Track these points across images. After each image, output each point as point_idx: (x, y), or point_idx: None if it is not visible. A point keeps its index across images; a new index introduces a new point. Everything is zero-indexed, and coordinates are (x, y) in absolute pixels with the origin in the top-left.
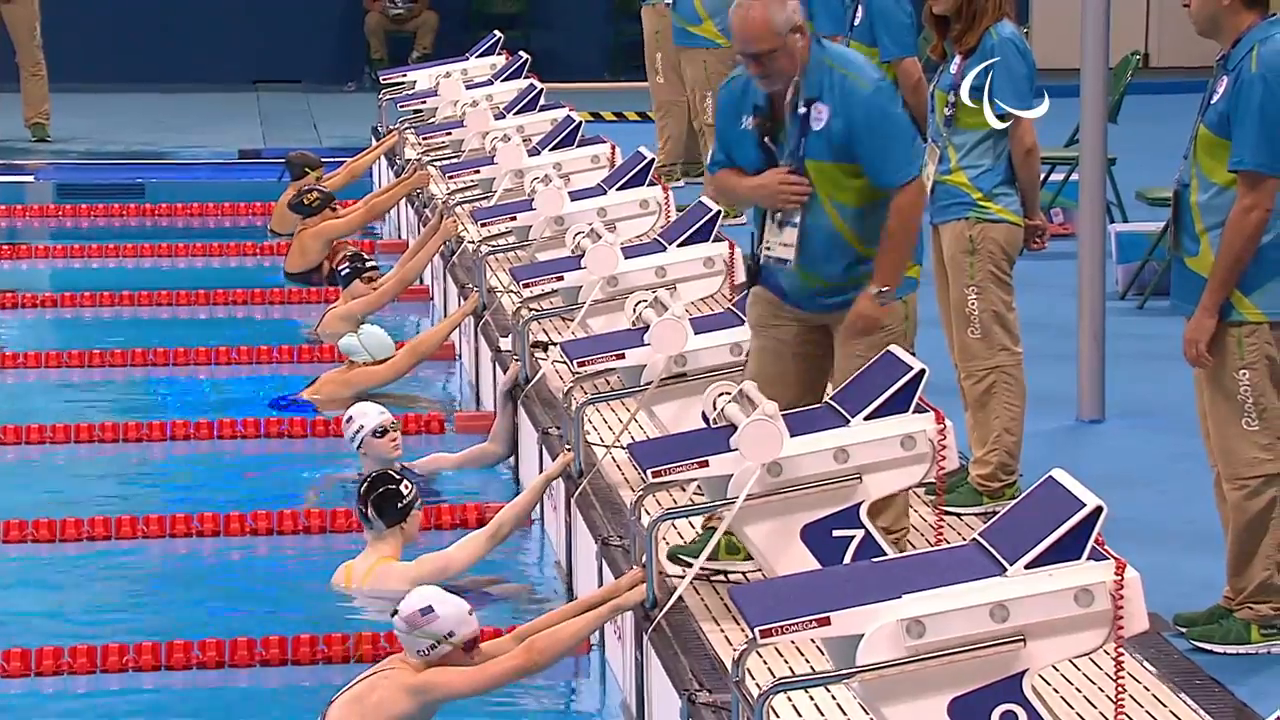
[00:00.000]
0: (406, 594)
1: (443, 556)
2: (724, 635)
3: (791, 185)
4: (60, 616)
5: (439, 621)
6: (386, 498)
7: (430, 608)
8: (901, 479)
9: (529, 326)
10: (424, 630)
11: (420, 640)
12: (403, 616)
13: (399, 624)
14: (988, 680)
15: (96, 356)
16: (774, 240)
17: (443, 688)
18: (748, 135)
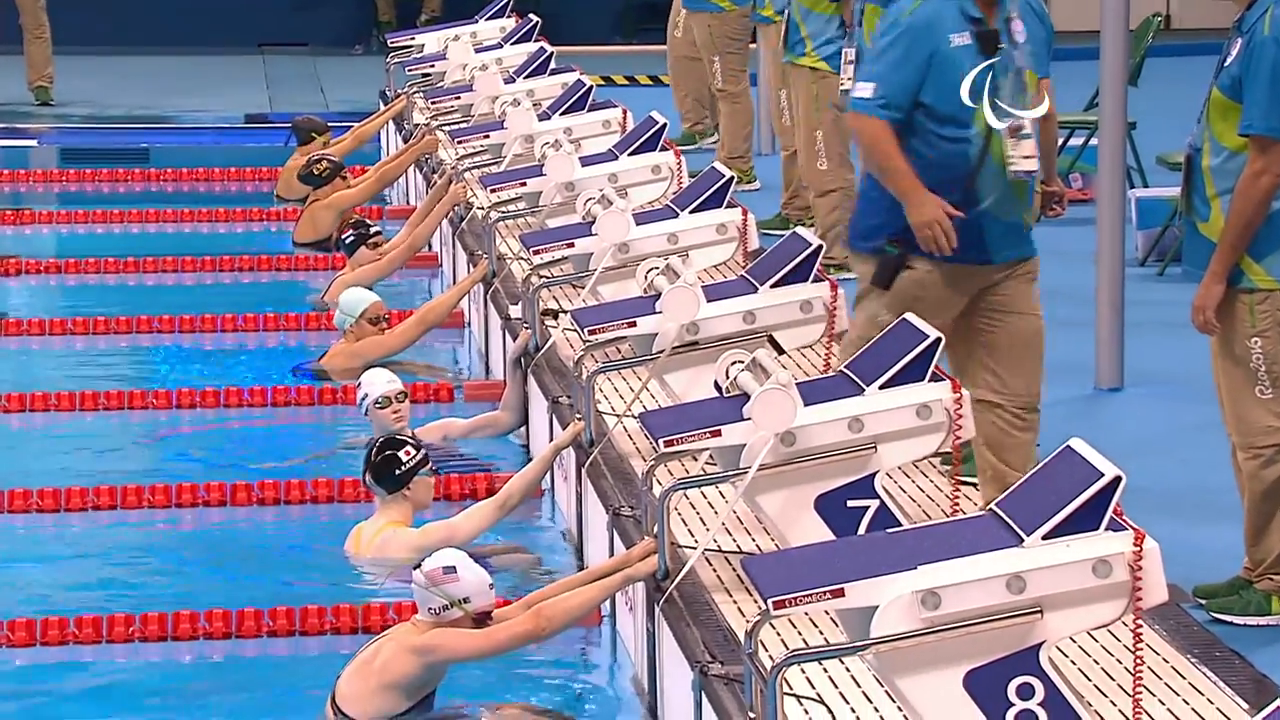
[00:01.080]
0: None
1: (448, 526)
2: (737, 607)
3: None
4: (65, 587)
5: (458, 584)
6: (384, 464)
7: (454, 568)
8: (917, 448)
9: (539, 294)
10: (442, 589)
11: (435, 598)
12: (424, 571)
13: (419, 578)
14: (1004, 652)
15: (101, 324)
16: (1016, 154)
17: (447, 649)
18: (962, 52)
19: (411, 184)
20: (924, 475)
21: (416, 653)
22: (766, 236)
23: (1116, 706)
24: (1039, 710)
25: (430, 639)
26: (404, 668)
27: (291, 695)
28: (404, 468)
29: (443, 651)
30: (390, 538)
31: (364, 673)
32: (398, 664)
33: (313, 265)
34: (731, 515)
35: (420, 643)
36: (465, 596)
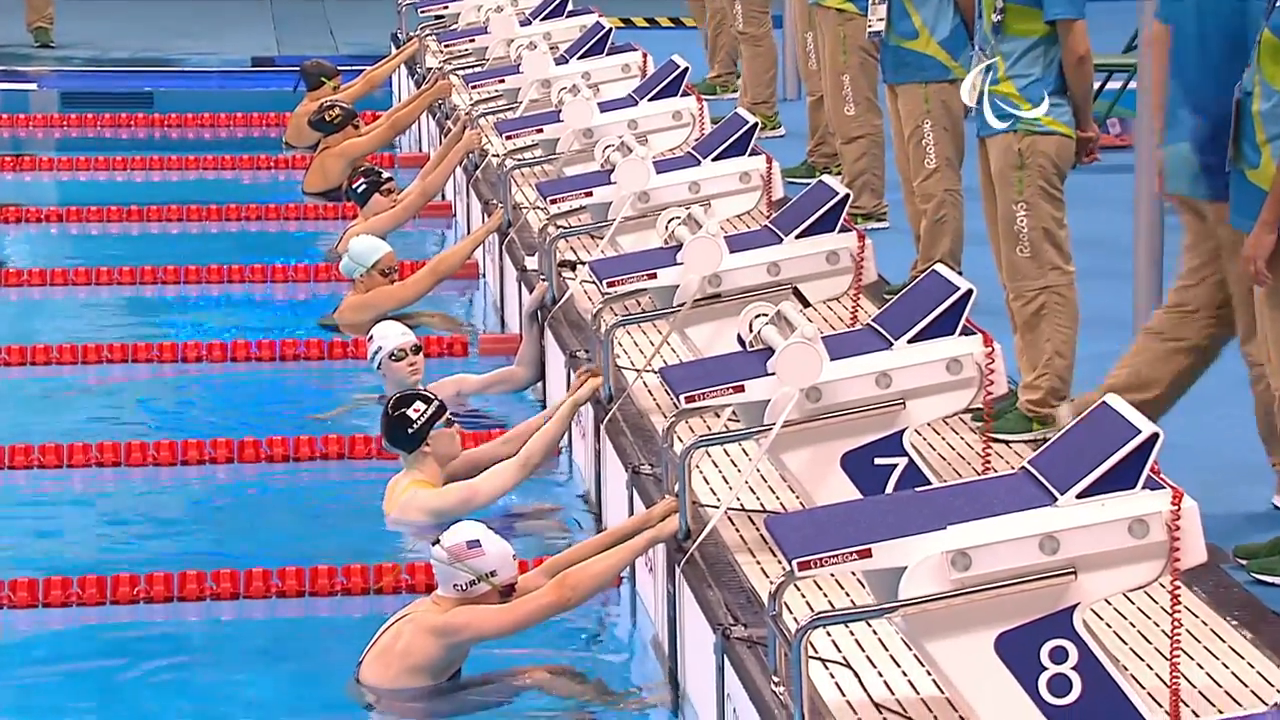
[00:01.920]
0: (426, 524)
1: (468, 487)
2: (760, 568)
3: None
4: (68, 546)
5: (484, 558)
6: (396, 425)
7: (478, 541)
8: (947, 404)
9: (556, 245)
10: (468, 564)
11: (461, 574)
12: (447, 547)
13: (440, 554)
14: (1037, 615)
15: (104, 274)
16: None
17: (472, 629)
18: None
19: (424, 131)
20: (954, 432)
21: (439, 634)
22: (791, 185)
23: (1153, 670)
24: (1073, 674)
25: (453, 620)
26: (428, 652)
27: (302, 657)
28: (416, 425)
29: (467, 632)
30: (409, 499)
31: (386, 659)
32: (421, 649)
33: (323, 215)
34: (755, 473)
35: (443, 623)
36: (492, 570)
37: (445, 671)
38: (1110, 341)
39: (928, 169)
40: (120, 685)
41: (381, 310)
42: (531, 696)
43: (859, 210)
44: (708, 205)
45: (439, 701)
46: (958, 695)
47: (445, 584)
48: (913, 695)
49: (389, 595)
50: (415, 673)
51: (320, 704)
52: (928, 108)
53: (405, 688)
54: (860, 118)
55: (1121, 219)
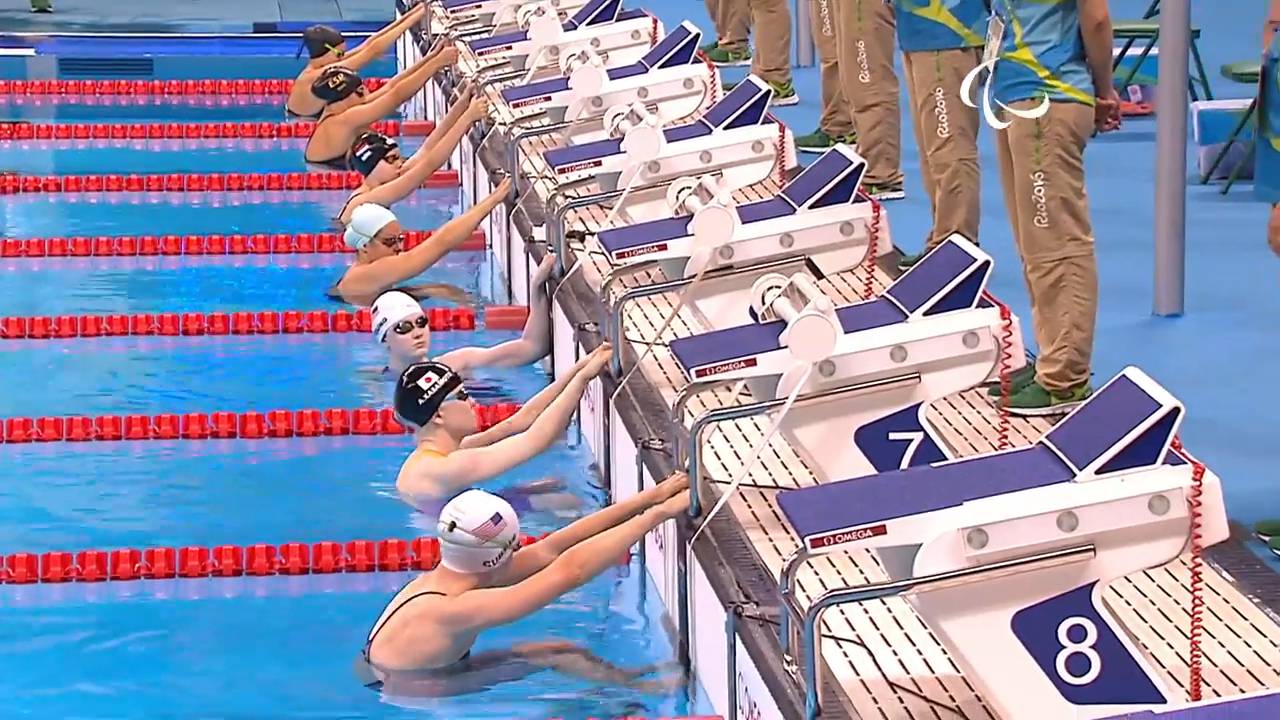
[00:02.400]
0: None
1: (471, 456)
2: (772, 545)
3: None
4: (67, 521)
5: (508, 529)
6: (408, 397)
7: (499, 515)
8: (963, 378)
9: (564, 215)
10: (496, 539)
11: (491, 550)
12: (473, 530)
13: (466, 538)
14: (1055, 592)
15: (103, 244)
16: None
17: (481, 616)
18: None
19: (430, 98)
20: (971, 406)
21: (448, 623)
22: (805, 154)
23: (1174, 649)
24: (1091, 653)
25: (462, 608)
26: (437, 641)
27: (306, 636)
28: (428, 396)
29: (477, 619)
30: (411, 466)
31: (396, 645)
32: (430, 638)
33: (326, 184)
34: (767, 448)
35: (452, 612)
36: (513, 536)
37: (456, 655)
38: (1131, 314)
39: (941, 138)
40: (120, 663)
41: (386, 282)
42: (541, 675)
43: (874, 180)
44: (719, 175)
45: (448, 681)
46: (974, 674)
47: (470, 564)
48: (928, 674)
49: (394, 572)
50: (426, 660)
51: (325, 683)
52: (939, 75)
53: (415, 669)
54: (875, 85)
55: (1142, 188)
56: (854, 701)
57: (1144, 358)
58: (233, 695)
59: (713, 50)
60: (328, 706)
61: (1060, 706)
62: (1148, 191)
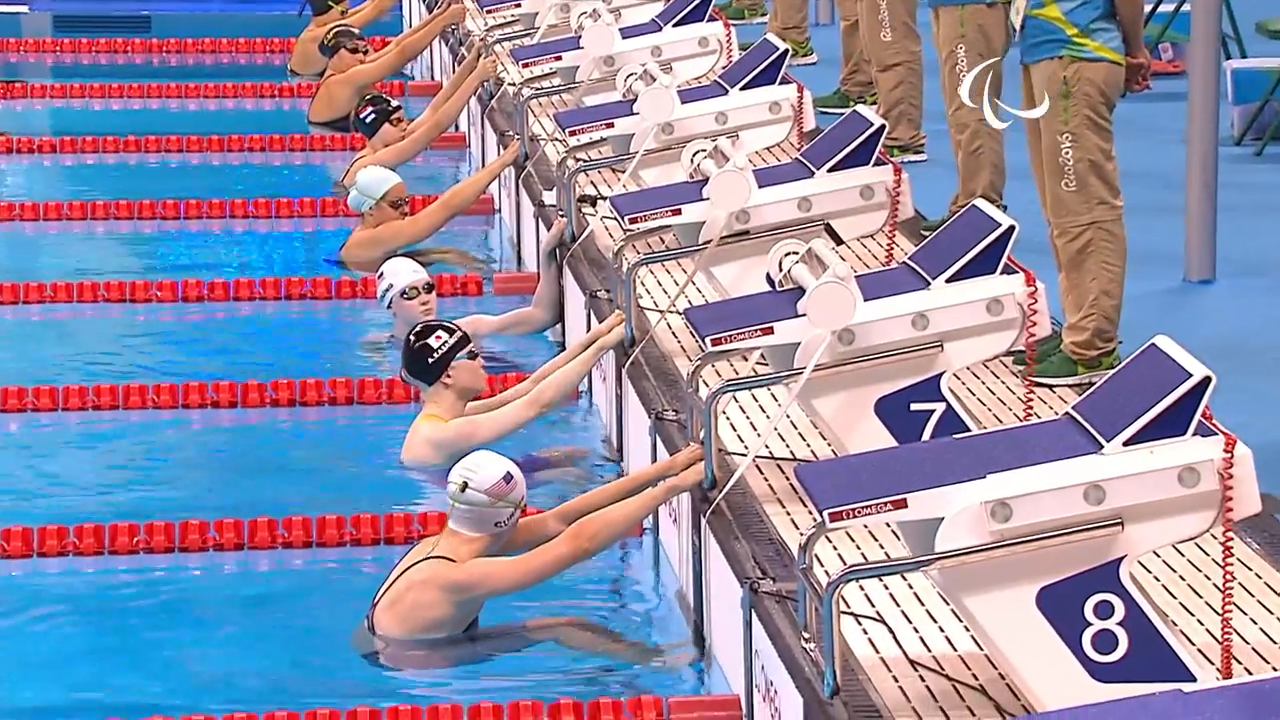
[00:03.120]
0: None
1: (470, 421)
2: (790, 519)
3: None
4: (64, 494)
5: (519, 487)
6: (417, 355)
7: (510, 474)
8: (987, 347)
9: (575, 179)
10: (508, 498)
11: (502, 510)
12: (486, 489)
13: (478, 498)
14: (1081, 568)
15: (100, 208)
16: None
17: (486, 584)
18: None
19: (436, 58)
20: (995, 376)
21: (452, 590)
22: (824, 115)
23: (1204, 626)
24: (1119, 630)
25: (467, 576)
26: (440, 608)
27: (309, 612)
28: (437, 354)
29: (481, 587)
30: (412, 432)
31: (399, 611)
32: (433, 604)
33: (330, 146)
34: (784, 420)
35: (456, 579)
36: (522, 496)
37: (460, 625)
38: (1161, 280)
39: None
40: (119, 639)
41: (391, 246)
42: (548, 650)
43: (895, 142)
44: (735, 137)
45: (453, 653)
46: (997, 652)
47: (481, 525)
48: (950, 652)
49: (400, 546)
50: (429, 627)
51: (328, 661)
52: (962, 31)
53: (418, 638)
54: (897, 44)
55: (1173, 150)
56: (873, 680)
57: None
58: (234, 673)
59: (728, 8)
60: (332, 683)
61: (1086, 685)
62: (1179, 153)
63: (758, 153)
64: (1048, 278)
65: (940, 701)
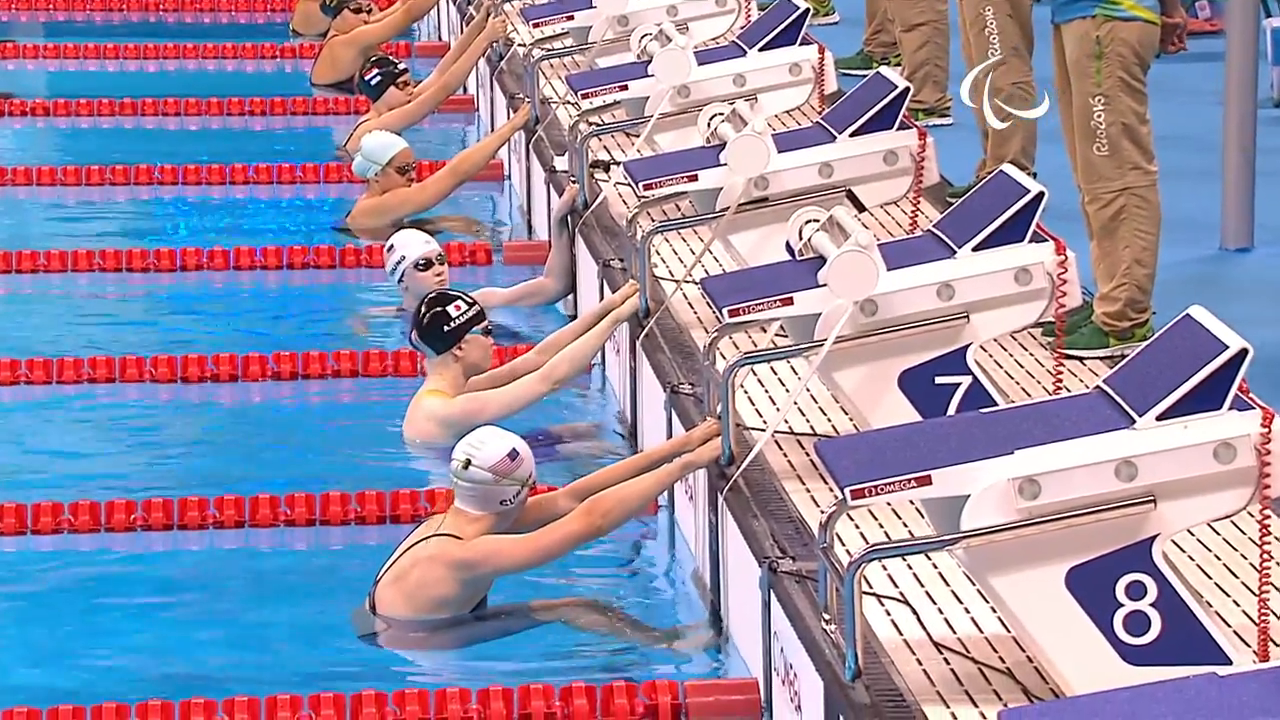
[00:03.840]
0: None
1: (478, 398)
2: (810, 496)
3: None
4: (59, 470)
5: (525, 464)
6: (432, 321)
7: (516, 450)
8: (1015, 318)
9: (588, 143)
10: (514, 476)
11: (508, 488)
12: (490, 467)
13: (482, 475)
14: (1112, 547)
15: (95, 173)
16: None
17: (493, 562)
18: None
19: (444, 18)
20: (1023, 348)
21: (459, 568)
22: (846, 77)
23: (1240, 607)
24: (1151, 611)
25: (474, 553)
26: (446, 586)
27: (312, 591)
28: (454, 323)
29: (488, 565)
30: (415, 408)
31: (403, 588)
32: (439, 582)
33: (333, 109)
34: (804, 393)
35: (462, 557)
36: (529, 473)
37: (466, 604)
38: (1196, 248)
39: (993, 60)
40: (115, 619)
41: (398, 214)
42: (559, 632)
43: (920, 105)
44: (754, 100)
45: (459, 634)
46: (1025, 634)
47: (486, 503)
48: (976, 634)
49: (406, 524)
50: (434, 606)
51: (331, 643)
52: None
53: (423, 618)
54: (922, 2)
55: (1210, 112)
56: (897, 663)
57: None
58: (234, 655)
59: None
60: (335, 665)
61: (1117, 668)
62: (1216, 116)
63: (777, 116)
64: (1078, 246)
65: (965, 685)
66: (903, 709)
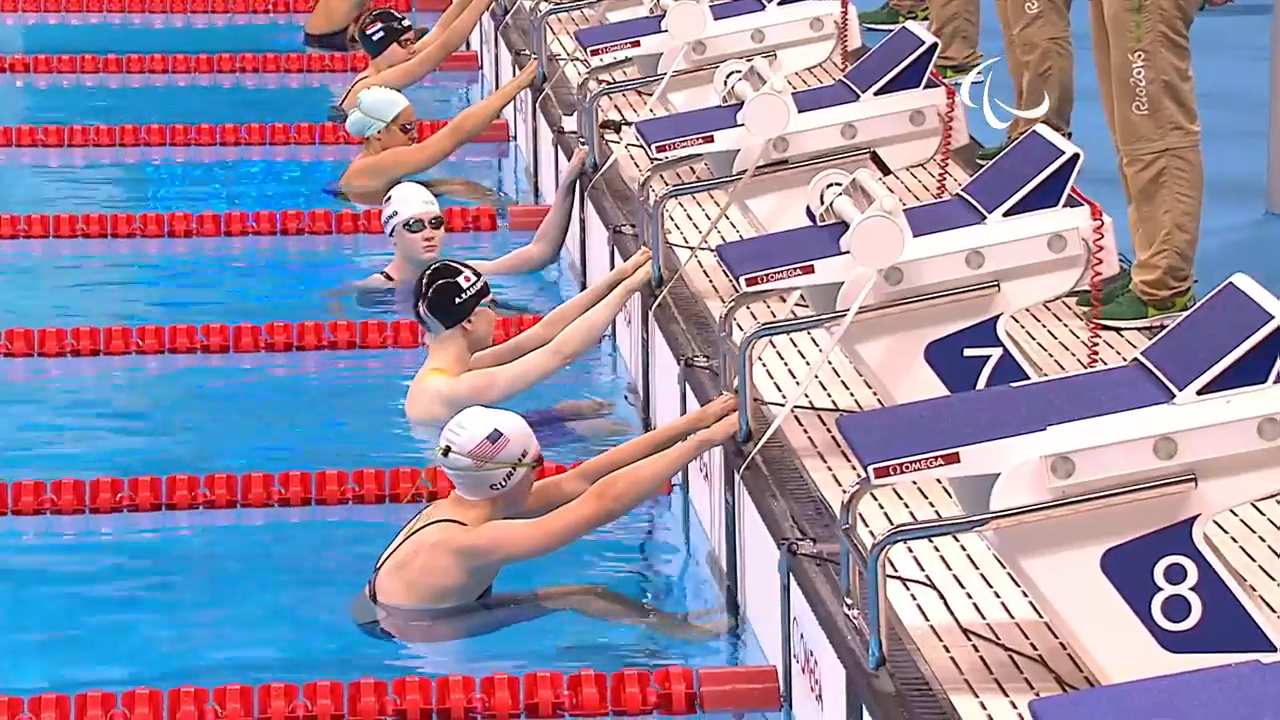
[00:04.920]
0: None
1: (485, 374)
2: (831, 474)
3: None
4: (41, 447)
5: (511, 445)
6: (442, 293)
7: (497, 431)
8: (1048, 287)
9: (598, 102)
10: (499, 459)
11: (495, 472)
12: (469, 452)
13: (462, 462)
14: (1151, 528)
15: (78, 133)
16: None
17: (500, 550)
18: None
19: None
20: (1056, 319)
21: (464, 556)
22: (870, 33)
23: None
24: (1191, 596)
25: (480, 540)
26: (451, 575)
27: (308, 576)
28: (465, 296)
29: (496, 553)
30: (417, 389)
31: (405, 577)
32: (443, 571)
33: (329, 65)
34: (826, 366)
35: (468, 544)
36: (522, 452)
37: (472, 594)
38: (1240, 213)
39: (1029, 14)
40: (100, 605)
41: (396, 174)
42: (568, 619)
43: (949, 62)
44: (773, 57)
45: (464, 621)
46: (1058, 619)
47: (477, 489)
48: (1006, 619)
49: (407, 504)
50: (437, 595)
51: (329, 629)
52: None
53: (425, 608)
54: None
55: (1255, 69)
56: (923, 650)
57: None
58: (226, 642)
59: None
60: (333, 653)
61: (1155, 655)
62: (1262, 73)
63: (797, 74)
64: (1116, 211)
65: (995, 673)
66: (929, 698)
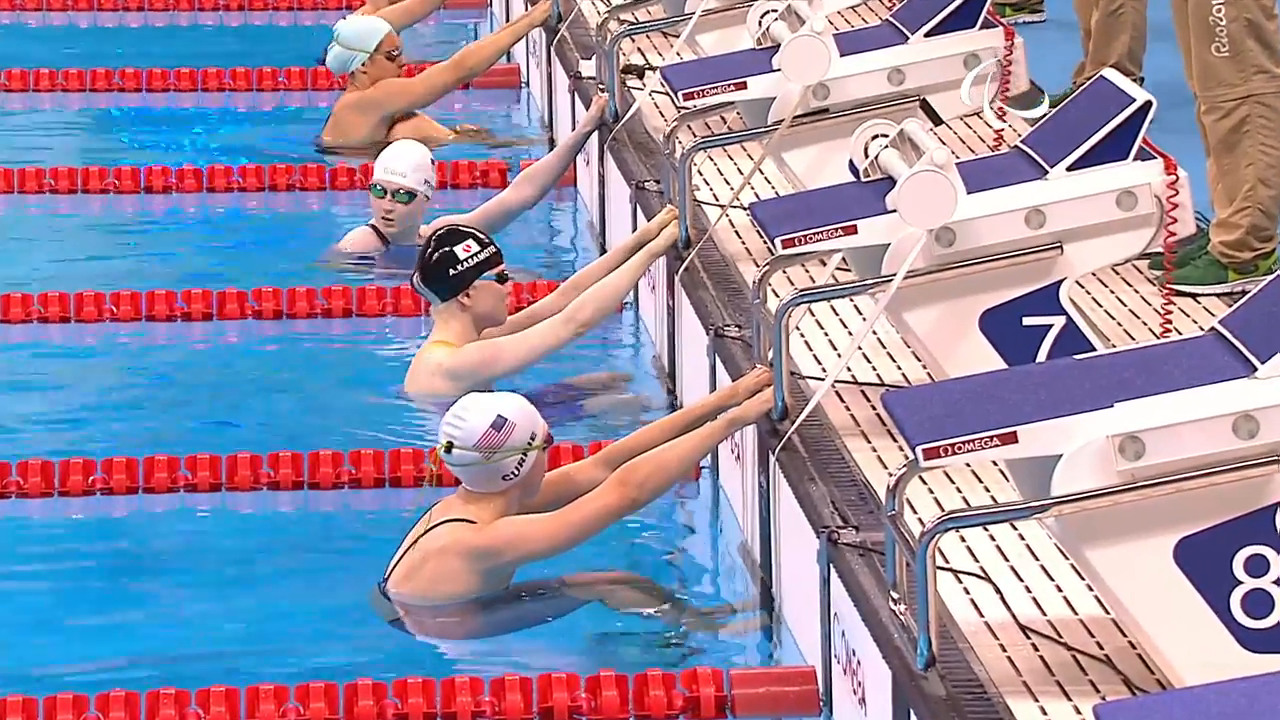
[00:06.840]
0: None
1: (491, 345)
2: (875, 455)
3: None
4: (7, 424)
5: (518, 429)
6: (437, 262)
7: (501, 417)
8: (1117, 249)
9: (619, 45)
10: (507, 446)
11: (507, 461)
12: (475, 444)
13: (469, 456)
14: (1229, 515)
15: (45, 78)
16: None
17: (515, 548)
18: None
19: None
20: (1126, 284)
21: (477, 558)
22: None
23: None
24: (1274, 590)
25: (493, 540)
26: (465, 579)
27: (299, 565)
28: (461, 267)
29: (511, 552)
30: (418, 362)
31: (416, 583)
32: (454, 577)
33: (321, 3)
34: (870, 336)
35: (481, 545)
36: (530, 434)
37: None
38: None
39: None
40: (71, 598)
41: (387, 109)
42: (585, 614)
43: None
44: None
45: (481, 618)
46: (1126, 615)
47: (490, 482)
48: (1068, 615)
49: (407, 488)
50: (452, 600)
51: (321, 623)
52: None
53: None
54: None
55: None
56: (976, 649)
57: None
58: (210, 637)
59: None
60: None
61: (1234, 654)
62: None
63: (839, 13)
64: (1193, 164)
65: (1057, 675)
66: (984, 702)
